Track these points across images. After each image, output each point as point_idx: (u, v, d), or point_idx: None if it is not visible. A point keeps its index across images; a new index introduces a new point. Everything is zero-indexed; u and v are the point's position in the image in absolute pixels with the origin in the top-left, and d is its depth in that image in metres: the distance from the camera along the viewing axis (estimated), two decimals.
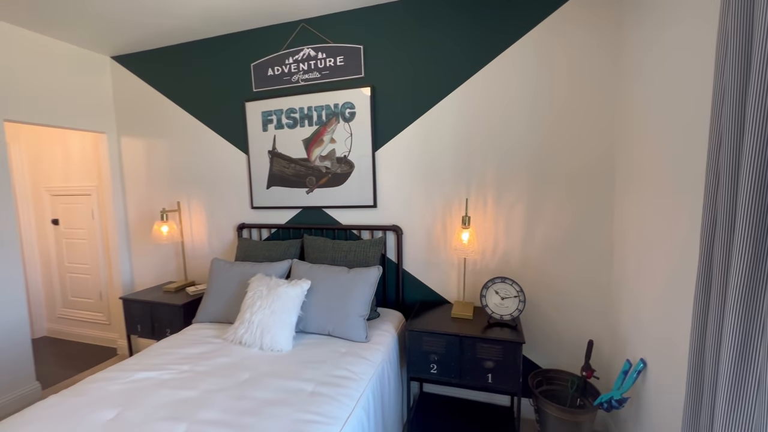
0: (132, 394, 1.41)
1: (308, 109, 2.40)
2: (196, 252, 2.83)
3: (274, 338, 1.73)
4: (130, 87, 2.87)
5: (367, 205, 2.34)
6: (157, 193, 2.92)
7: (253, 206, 2.61)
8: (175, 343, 1.85)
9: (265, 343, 1.74)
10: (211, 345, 1.82)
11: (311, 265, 2.09)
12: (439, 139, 2.17)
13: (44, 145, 3.25)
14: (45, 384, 2.54)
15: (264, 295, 1.85)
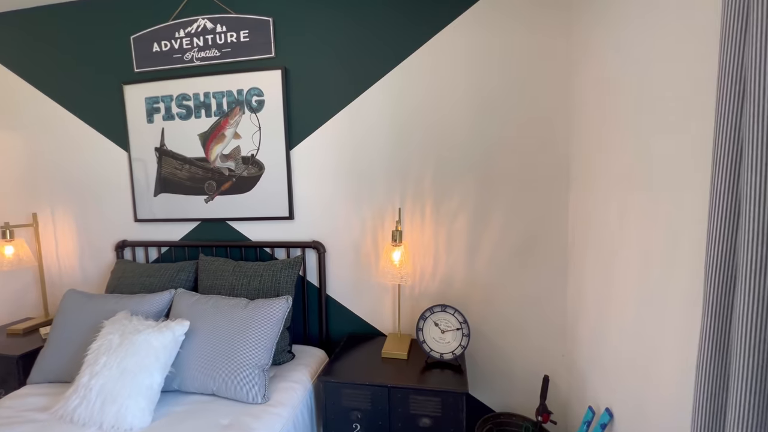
0: None
1: (205, 95, 1.89)
2: (64, 279, 2.17)
3: (122, 412, 1.20)
4: None
5: (282, 217, 1.88)
6: (13, 201, 2.22)
7: (137, 218, 2.03)
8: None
9: (107, 419, 1.20)
10: (30, 425, 1.24)
11: (198, 298, 1.58)
12: (368, 135, 1.77)
13: None
14: None
15: (114, 346, 1.31)
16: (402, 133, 1.74)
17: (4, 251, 1.93)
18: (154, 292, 1.74)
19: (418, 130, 1.72)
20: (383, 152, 1.77)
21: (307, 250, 1.88)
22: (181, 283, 1.81)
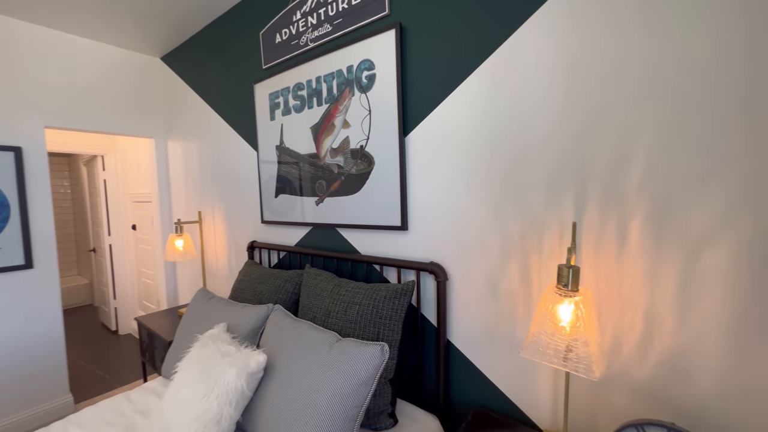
0: None
1: (317, 81, 1.63)
2: (219, 271, 2.40)
3: None
4: (173, 87, 2.66)
5: (392, 226, 1.42)
6: (191, 201, 2.63)
7: (263, 220, 2.00)
8: (97, 414, 1.32)
9: None
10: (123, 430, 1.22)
11: (288, 323, 1.30)
12: (519, 101, 1.10)
13: (129, 152, 3.42)
14: (78, 398, 2.49)
15: (191, 372, 1.15)
16: (583, 95, 0.98)
17: (176, 244, 2.23)
18: (261, 303, 1.60)
19: (618, 84, 0.92)
20: (544, 127, 1.05)
21: (422, 274, 1.36)
22: (286, 296, 1.61)
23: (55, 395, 2.28)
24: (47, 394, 2.25)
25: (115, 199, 3.59)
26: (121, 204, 3.60)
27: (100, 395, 2.49)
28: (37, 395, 2.20)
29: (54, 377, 2.28)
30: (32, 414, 2.18)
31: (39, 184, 2.22)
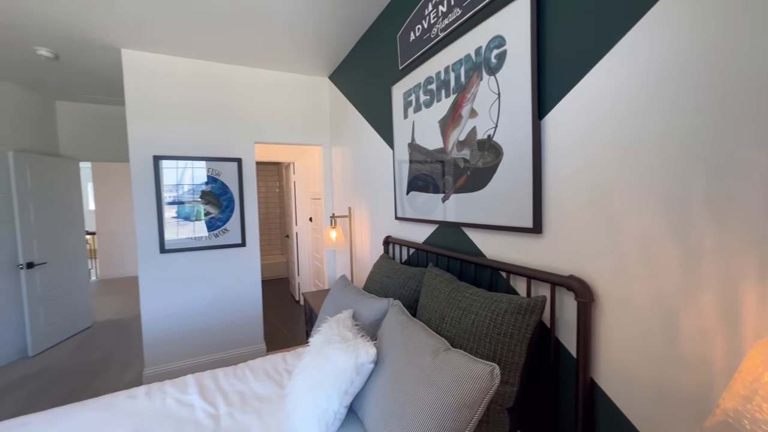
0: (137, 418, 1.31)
1: (445, 71, 1.55)
2: (364, 263, 2.66)
3: (298, 426, 1.14)
4: (335, 100, 3.11)
5: (523, 228, 1.20)
6: (345, 197, 3.01)
7: (396, 216, 2.07)
8: (263, 365, 1.67)
9: (289, 427, 1.18)
10: (272, 385, 1.49)
11: (402, 320, 1.29)
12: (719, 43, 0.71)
13: (310, 159, 4.24)
14: (269, 347, 3.25)
15: (315, 350, 1.29)
16: None
17: (330, 235, 2.60)
18: (386, 297, 1.66)
19: None
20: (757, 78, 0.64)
21: (559, 290, 1.09)
22: (409, 293, 1.61)
23: (253, 342, 3.07)
24: (248, 340, 3.04)
25: (300, 197, 4.51)
26: (304, 200, 4.50)
27: (282, 349, 3.19)
28: (241, 339, 3.02)
29: (253, 328, 3.06)
30: (237, 353, 2.99)
31: (250, 185, 3.01)
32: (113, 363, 3.03)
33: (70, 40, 2.39)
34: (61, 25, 2.20)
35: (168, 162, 2.71)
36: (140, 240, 2.65)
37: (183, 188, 2.77)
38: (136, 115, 2.60)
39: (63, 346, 3.38)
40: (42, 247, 3.31)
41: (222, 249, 2.92)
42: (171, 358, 2.75)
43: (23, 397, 2.52)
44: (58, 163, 3.58)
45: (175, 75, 2.71)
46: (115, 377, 2.78)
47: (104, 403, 1.40)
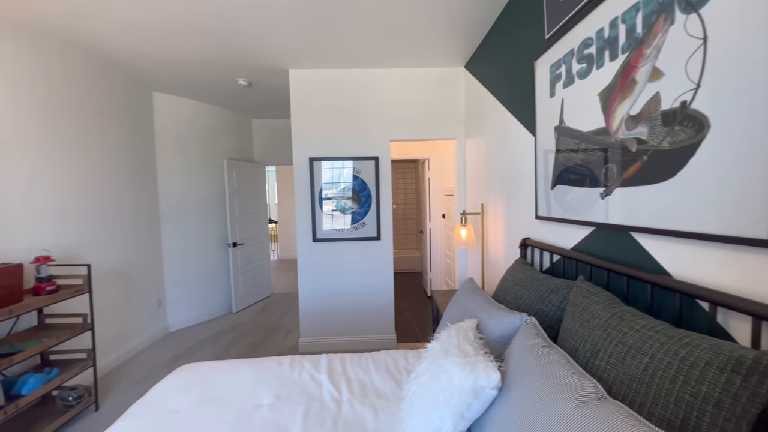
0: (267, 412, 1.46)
1: (611, 26, 1.17)
2: (497, 265, 2.39)
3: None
4: (470, 89, 2.91)
5: (751, 240, 0.77)
6: (478, 193, 2.78)
7: (537, 215, 1.75)
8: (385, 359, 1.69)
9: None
10: (391, 382, 1.47)
11: (536, 345, 1.04)
12: None
13: (444, 154, 4.16)
14: (399, 339, 3.34)
15: (431, 359, 1.18)
16: None
17: (461, 233, 2.44)
18: (519, 310, 1.41)
19: None
20: None
21: None
22: (549, 309, 1.32)
23: (384, 331, 3.21)
24: (380, 328, 3.21)
25: (434, 193, 4.49)
26: (437, 196, 4.46)
27: (411, 341, 3.25)
28: (374, 327, 3.20)
29: (385, 318, 3.21)
30: (371, 338, 3.19)
31: (385, 182, 3.15)
32: (281, 328, 3.72)
33: (258, 69, 3.01)
34: (252, 60, 2.79)
35: (326, 163, 3.10)
36: (299, 229, 3.14)
37: (335, 185, 3.13)
38: (297, 124, 3.08)
39: (251, 309, 4.39)
40: (241, 232, 4.37)
41: (360, 241, 3.17)
42: (318, 332, 3.18)
43: (226, 341, 3.38)
44: (252, 167, 4.64)
45: (324, 85, 3.07)
46: (281, 340, 3.40)
47: (260, 364, 1.68)
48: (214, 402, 1.40)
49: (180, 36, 2.38)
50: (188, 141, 3.81)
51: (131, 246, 3.14)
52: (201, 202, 3.95)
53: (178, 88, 3.46)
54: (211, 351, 3.18)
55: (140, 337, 3.23)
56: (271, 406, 1.37)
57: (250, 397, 1.43)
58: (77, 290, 2.19)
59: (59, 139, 2.44)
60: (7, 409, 1.75)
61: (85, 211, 2.64)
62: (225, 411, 1.34)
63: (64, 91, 2.48)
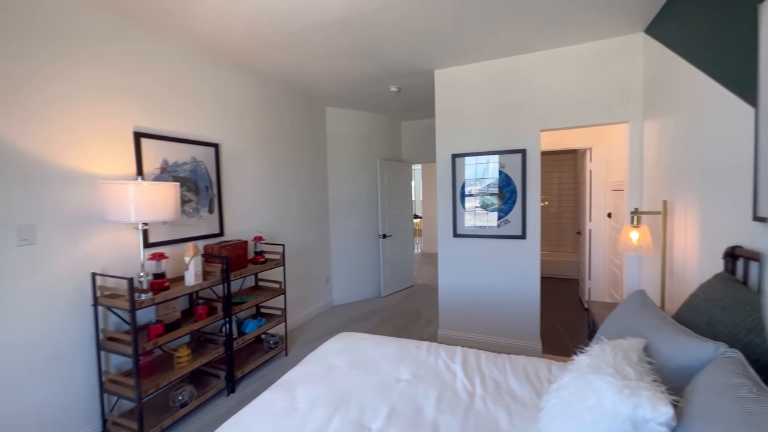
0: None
1: None
2: (685, 278, 1.86)
3: None
4: (653, 57, 2.34)
5: None
6: (659, 188, 2.22)
7: (756, 215, 1.28)
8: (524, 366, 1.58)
9: None
10: (528, 388, 1.37)
11: (747, 388, 0.79)
12: None
13: (614, 142, 3.49)
14: (545, 349, 3.01)
15: (577, 374, 1.05)
16: None
17: (630, 235, 2.02)
18: (713, 338, 1.09)
19: None
20: None
21: None
22: (763, 344, 0.97)
23: (527, 338, 2.97)
24: (523, 334, 2.98)
25: (597, 188, 3.82)
26: (601, 192, 3.77)
27: (559, 355, 2.90)
28: (516, 331, 3.00)
29: (528, 324, 2.97)
30: (512, 343, 3.00)
31: (533, 177, 2.90)
32: (422, 317, 3.95)
33: (407, 75, 3.26)
34: (402, 67, 3.05)
35: (469, 158, 3.11)
36: (440, 225, 3.25)
37: (479, 181, 3.10)
38: (441, 121, 3.18)
39: (397, 296, 4.81)
40: (390, 225, 4.83)
41: (503, 239, 3.02)
42: (456, 326, 3.22)
43: (375, 322, 3.84)
44: (400, 166, 5.05)
45: (467, 80, 3.05)
46: (421, 328, 3.62)
47: (401, 344, 1.86)
48: (362, 367, 1.65)
49: (346, 59, 2.84)
50: (350, 146, 4.48)
51: (309, 232, 3.95)
52: (358, 198, 4.58)
53: (344, 101, 4.10)
54: (362, 326, 3.68)
55: (314, 305, 4.04)
56: (409, 382, 1.51)
57: (391, 370, 1.62)
58: (276, 263, 2.93)
59: (268, 152, 3.31)
60: (238, 340, 2.53)
61: (282, 204, 3.50)
62: (371, 376, 1.56)
63: (270, 113, 3.34)
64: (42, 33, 1.78)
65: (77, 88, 1.91)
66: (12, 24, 1.67)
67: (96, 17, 2.00)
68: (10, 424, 1.67)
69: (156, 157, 2.31)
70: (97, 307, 1.96)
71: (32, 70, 1.74)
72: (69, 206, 1.89)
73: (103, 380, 1.99)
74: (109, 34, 2.06)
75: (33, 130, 1.75)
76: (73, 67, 1.90)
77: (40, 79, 1.77)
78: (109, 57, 2.06)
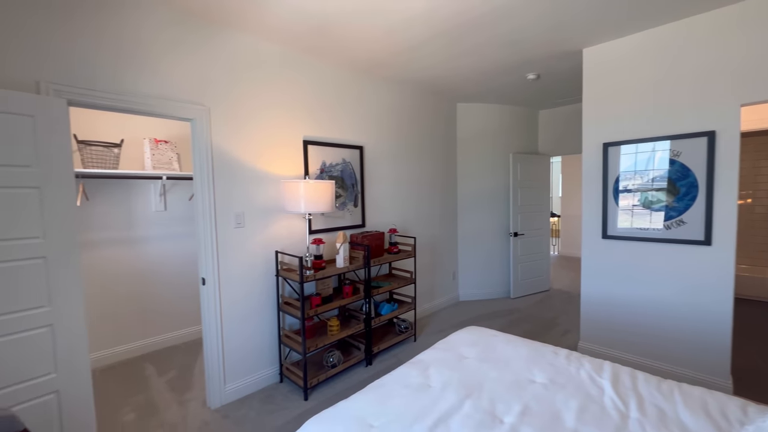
0: None
1: None
2: None
3: None
4: None
5: None
6: None
7: None
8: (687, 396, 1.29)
9: None
10: (710, 429, 1.11)
11: None
12: None
13: None
14: (738, 389, 2.29)
15: None
16: None
17: None
18: None
19: None
20: None
21: None
22: None
23: (710, 370, 2.34)
24: (700, 365, 2.36)
25: None
26: None
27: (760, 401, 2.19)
28: (692, 360, 2.39)
29: (713, 354, 2.33)
30: (684, 373, 2.40)
31: (727, 166, 2.25)
32: (557, 325, 3.58)
33: (548, 59, 2.99)
34: (543, 50, 2.82)
35: (626, 147, 2.66)
36: (585, 224, 2.88)
37: (640, 174, 2.61)
38: (590, 107, 2.80)
39: (528, 299, 4.48)
40: (522, 223, 4.53)
41: (673, 244, 2.46)
42: (603, 342, 2.80)
43: (502, 323, 3.69)
44: (537, 159, 4.65)
45: (626, 54, 2.57)
46: (556, 337, 3.29)
47: (535, 346, 1.77)
48: (492, 361, 1.65)
49: (483, 53, 2.80)
50: (480, 141, 4.39)
51: (437, 227, 4.08)
52: (488, 194, 4.45)
53: (475, 95, 4.04)
54: (489, 325, 3.59)
55: (440, 298, 4.16)
56: (545, 386, 1.44)
57: (523, 370, 1.57)
58: (408, 254, 3.16)
59: (403, 151, 3.58)
60: (376, 320, 2.86)
61: (414, 199, 3.73)
62: (502, 372, 1.55)
63: (405, 116, 3.59)
64: (251, 78, 2.41)
65: (268, 110, 2.52)
66: (236, 74, 2.33)
67: (277, 52, 2.57)
68: (233, 356, 2.36)
69: (317, 159, 2.82)
70: (278, 278, 2.55)
71: (243, 107, 2.39)
72: (262, 199, 2.51)
73: (280, 334, 2.58)
74: (289, 65, 2.62)
75: (244, 146, 2.40)
76: (265, 94, 2.50)
77: (247, 109, 2.41)
78: (287, 83, 2.62)
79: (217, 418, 2.18)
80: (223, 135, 2.29)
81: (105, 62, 1.83)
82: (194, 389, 2.49)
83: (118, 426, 2.11)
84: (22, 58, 1.60)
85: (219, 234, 2.28)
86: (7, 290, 1.51)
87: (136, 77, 1.93)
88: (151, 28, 1.97)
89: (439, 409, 1.31)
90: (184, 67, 2.11)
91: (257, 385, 2.49)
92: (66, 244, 1.66)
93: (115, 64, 1.86)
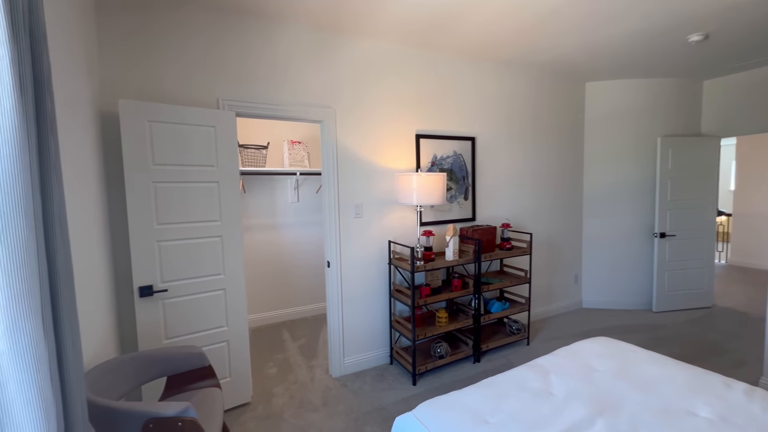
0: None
1: None
2: None
3: None
4: None
5: None
6: None
7: None
8: None
9: None
10: None
11: None
12: None
13: None
14: None
15: None
16: None
17: None
18: None
19: None
20: None
21: None
22: None
23: None
24: None
25: None
26: None
27: None
28: None
29: None
30: None
31: None
32: (726, 353, 2.83)
33: (726, 10, 2.35)
34: (710, 5, 2.23)
35: None
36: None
37: None
38: None
39: (679, 314, 3.65)
40: (673, 221, 3.69)
41: None
42: None
43: (640, 339, 3.10)
44: (698, 142, 3.71)
45: None
46: (726, 369, 2.59)
47: (696, 372, 1.44)
48: (631, 380, 1.42)
49: (622, 18, 2.38)
50: (616, 124, 3.73)
51: (557, 223, 3.66)
52: (622, 186, 3.77)
53: (610, 71, 3.45)
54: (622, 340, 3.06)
55: (559, 302, 3.75)
56: (711, 422, 1.16)
57: (678, 399, 1.29)
58: (522, 251, 2.94)
59: (518, 141, 3.32)
60: (485, 317, 2.76)
61: (530, 193, 3.44)
62: (647, 395, 1.32)
63: (521, 102, 3.32)
64: (366, 77, 2.59)
65: (382, 106, 2.66)
66: (354, 75, 2.54)
67: (389, 50, 2.67)
68: (351, 333, 2.63)
69: (428, 152, 2.85)
70: (391, 266, 2.69)
71: (360, 106, 2.58)
72: (377, 192, 2.68)
73: (391, 319, 2.73)
74: (399, 62, 2.71)
75: (362, 142, 2.60)
76: (378, 91, 2.64)
77: (363, 107, 2.59)
78: (398, 79, 2.71)
79: (337, 385, 2.46)
80: (345, 133, 2.52)
81: (259, 79, 2.23)
82: (319, 357, 2.86)
83: (265, 376, 2.58)
84: (206, 82, 2.08)
85: (341, 223, 2.54)
86: (201, 259, 2.02)
87: (279, 88, 2.29)
88: (288, 44, 2.30)
89: (565, 420, 1.20)
90: (315, 75, 2.40)
91: (370, 363, 2.70)
92: (234, 227, 2.11)
93: (266, 80, 2.25)
